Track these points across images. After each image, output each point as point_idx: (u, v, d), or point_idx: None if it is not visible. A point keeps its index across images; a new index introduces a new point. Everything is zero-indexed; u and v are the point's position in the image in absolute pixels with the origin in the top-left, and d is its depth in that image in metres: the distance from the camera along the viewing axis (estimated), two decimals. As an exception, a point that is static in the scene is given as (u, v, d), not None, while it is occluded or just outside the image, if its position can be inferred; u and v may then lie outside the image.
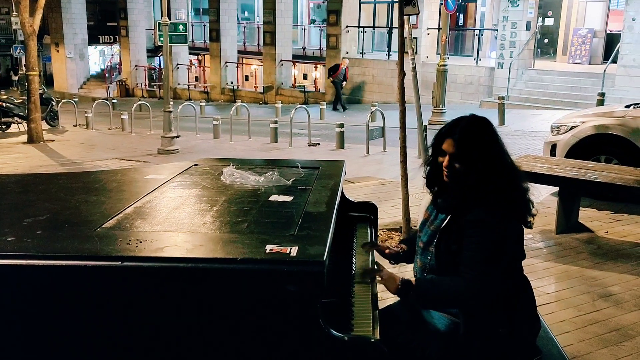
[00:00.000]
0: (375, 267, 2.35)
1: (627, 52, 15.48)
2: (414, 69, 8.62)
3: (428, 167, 2.31)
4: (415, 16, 7.46)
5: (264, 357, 1.79)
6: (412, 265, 2.40)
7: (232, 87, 25.96)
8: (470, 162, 2.12)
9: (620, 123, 6.51)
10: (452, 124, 2.20)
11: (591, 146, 6.62)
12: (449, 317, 2.21)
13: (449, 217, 2.17)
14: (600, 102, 13.36)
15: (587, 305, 3.94)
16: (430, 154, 2.29)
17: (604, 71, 15.60)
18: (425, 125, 9.41)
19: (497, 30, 18.64)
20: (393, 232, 5.45)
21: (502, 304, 2.12)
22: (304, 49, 26.55)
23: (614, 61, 15.92)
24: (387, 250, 2.52)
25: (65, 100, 20.24)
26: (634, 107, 6.83)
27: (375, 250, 2.59)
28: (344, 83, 19.73)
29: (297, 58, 25.49)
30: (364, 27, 22.90)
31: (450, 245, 2.13)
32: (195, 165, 3.15)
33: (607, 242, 5.21)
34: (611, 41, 18.56)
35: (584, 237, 5.31)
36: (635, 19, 15.29)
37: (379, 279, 2.21)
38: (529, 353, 2.19)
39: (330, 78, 19.50)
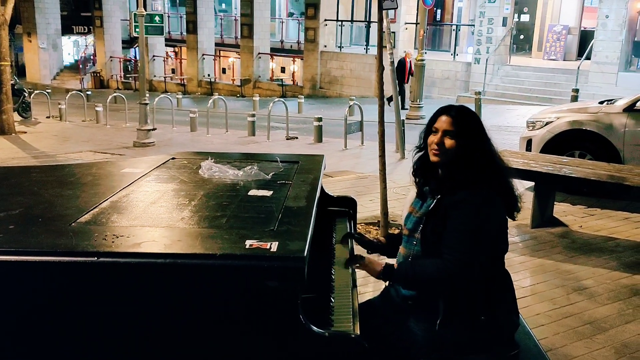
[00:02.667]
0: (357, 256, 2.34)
1: (600, 48, 15.72)
2: (392, 63, 8.65)
3: (419, 153, 2.31)
4: (393, 11, 7.47)
5: (244, 353, 1.77)
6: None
7: (209, 80, 25.75)
8: (462, 140, 2.15)
9: (594, 119, 6.61)
10: (446, 106, 2.27)
11: (566, 142, 6.71)
12: (429, 310, 2.21)
13: (436, 199, 2.18)
14: (574, 98, 13.56)
15: (562, 298, 4.00)
16: (422, 140, 2.29)
17: (578, 67, 15.83)
18: (403, 120, 9.45)
19: (474, 25, 18.79)
20: (371, 227, 5.46)
21: (483, 291, 2.12)
22: (281, 42, 26.45)
23: (588, 58, 16.17)
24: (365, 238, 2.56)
25: (38, 92, 19.85)
26: (607, 104, 6.94)
27: (355, 240, 2.58)
28: (410, 78, 15.74)
29: (275, 51, 25.38)
30: (342, 21, 22.89)
31: (437, 228, 2.13)
32: (173, 158, 3.10)
33: (581, 236, 5.29)
34: (585, 38, 18.85)
35: (559, 231, 5.39)
36: (609, 16, 15.53)
37: (360, 264, 2.23)
38: (508, 347, 2.20)
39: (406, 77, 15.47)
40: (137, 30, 12.21)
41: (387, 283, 2.39)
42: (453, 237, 2.07)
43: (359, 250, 2.53)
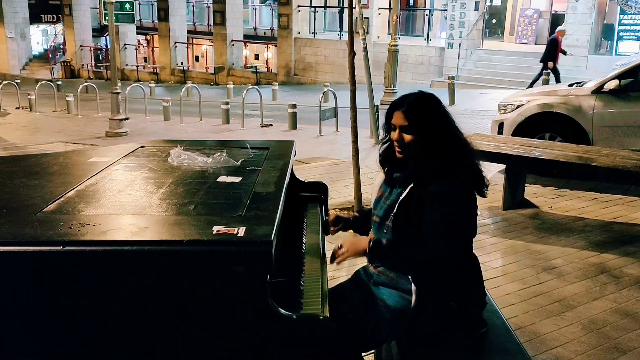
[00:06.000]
0: (338, 247, 2.27)
1: (570, 32, 15.91)
2: (365, 49, 8.64)
3: (384, 145, 2.32)
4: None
5: (213, 337, 1.78)
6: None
7: (182, 68, 25.46)
8: (420, 133, 2.13)
9: (564, 102, 6.71)
10: (400, 98, 2.23)
11: (536, 124, 6.81)
12: (399, 294, 2.23)
13: (407, 189, 2.18)
14: (546, 82, 13.73)
15: (532, 278, 4.08)
16: (384, 132, 2.30)
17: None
18: (377, 105, 9.47)
19: (446, 10, 18.85)
20: (345, 212, 5.48)
21: (455, 278, 2.15)
22: (255, 29, 26.20)
23: (559, 41, 16.34)
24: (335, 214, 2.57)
25: (6, 82, 19.37)
26: (576, 86, 7.05)
27: (329, 223, 2.56)
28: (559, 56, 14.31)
29: (249, 38, 25.17)
30: (315, 7, 22.76)
31: (410, 217, 2.13)
32: (142, 147, 3.07)
33: (551, 217, 5.39)
34: (556, 21, 19.04)
35: (530, 213, 5.48)
36: (579, 0, 15.71)
37: (344, 252, 2.20)
38: (476, 326, 2.25)
39: (551, 63, 14.05)
40: (107, 18, 12.01)
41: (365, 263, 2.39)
42: (435, 228, 2.08)
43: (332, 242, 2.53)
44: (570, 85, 7.31)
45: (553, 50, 14.04)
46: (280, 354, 1.77)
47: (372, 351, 2.76)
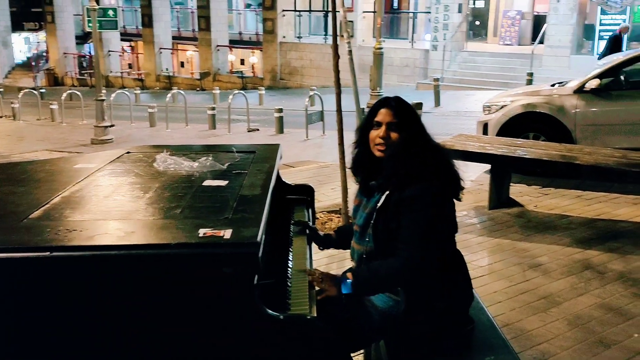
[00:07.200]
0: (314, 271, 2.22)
1: (553, 32, 16.11)
2: (350, 52, 8.66)
3: (356, 150, 2.32)
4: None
5: (202, 339, 1.79)
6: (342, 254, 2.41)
7: (167, 74, 25.39)
8: (406, 130, 2.16)
9: (547, 101, 6.80)
10: (385, 98, 2.26)
11: (520, 124, 6.88)
12: (388, 295, 2.25)
13: (384, 195, 2.18)
14: (529, 82, 13.87)
15: (518, 275, 4.13)
16: (358, 136, 2.30)
17: (532, 52, 16.18)
18: (363, 108, 9.50)
19: (430, 13, 18.98)
20: (333, 214, 5.51)
21: (440, 277, 2.17)
22: (240, 33, 26.22)
23: (541, 42, 16.54)
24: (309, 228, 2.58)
25: (-11, 91, 19.25)
26: (559, 86, 7.14)
27: (308, 237, 2.58)
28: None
29: (234, 43, 25.17)
30: (300, 11, 22.82)
31: (389, 224, 2.14)
32: (128, 152, 3.07)
33: (536, 215, 5.45)
34: (538, 22, 19.27)
35: (515, 212, 5.54)
36: (560, 1, 15.90)
37: (326, 291, 2.12)
38: (463, 323, 2.27)
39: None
40: (90, 25, 11.97)
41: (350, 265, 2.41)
42: (408, 233, 2.08)
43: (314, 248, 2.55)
44: (553, 85, 7.40)
45: (615, 49, 13.76)
46: (268, 354, 1.79)
47: (362, 351, 2.78)
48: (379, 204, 2.19)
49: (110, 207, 2.16)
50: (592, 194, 6.01)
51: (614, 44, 13.27)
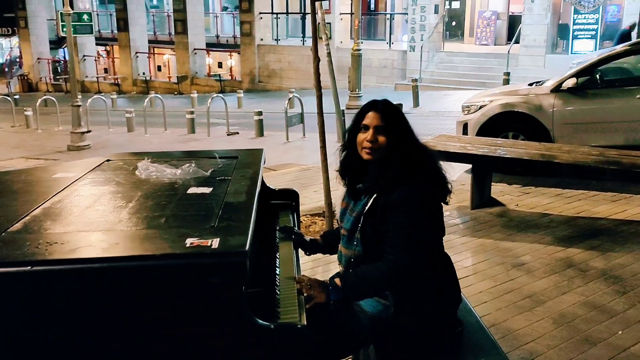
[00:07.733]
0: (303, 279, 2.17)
1: (528, 32, 16.30)
2: (329, 54, 8.65)
3: (344, 153, 2.30)
4: (328, 1, 7.49)
5: (191, 350, 1.75)
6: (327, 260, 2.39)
7: (144, 78, 25.15)
8: (393, 134, 2.14)
9: (525, 101, 6.86)
10: (373, 101, 2.23)
11: (500, 124, 6.93)
12: (377, 300, 2.24)
13: (372, 199, 2.17)
14: (506, 81, 14.02)
15: (502, 275, 4.15)
16: (346, 138, 2.29)
17: (508, 51, 16.36)
18: (343, 110, 9.51)
19: (407, 14, 19.08)
20: (316, 217, 5.49)
21: (429, 279, 2.17)
22: (217, 36, 26.09)
23: (517, 42, 16.74)
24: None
25: (-39, 98, 18.87)
26: (536, 85, 7.21)
27: (294, 242, 2.56)
28: None
29: (211, 46, 25.03)
30: (277, 14, 22.78)
31: (377, 227, 2.13)
32: (108, 160, 3.01)
33: (518, 214, 5.49)
34: (514, 22, 19.50)
35: (497, 211, 5.58)
36: (534, 1, 16.10)
37: (314, 299, 2.07)
38: (452, 326, 2.27)
39: None
40: (64, 29, 11.80)
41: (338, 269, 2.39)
42: (395, 235, 2.08)
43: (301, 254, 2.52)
44: (530, 84, 7.47)
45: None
46: (259, 364, 1.76)
47: (350, 357, 2.76)
48: (366, 207, 2.18)
49: (92, 218, 2.10)
50: (572, 192, 6.08)
51: (624, 40, 13.48)
